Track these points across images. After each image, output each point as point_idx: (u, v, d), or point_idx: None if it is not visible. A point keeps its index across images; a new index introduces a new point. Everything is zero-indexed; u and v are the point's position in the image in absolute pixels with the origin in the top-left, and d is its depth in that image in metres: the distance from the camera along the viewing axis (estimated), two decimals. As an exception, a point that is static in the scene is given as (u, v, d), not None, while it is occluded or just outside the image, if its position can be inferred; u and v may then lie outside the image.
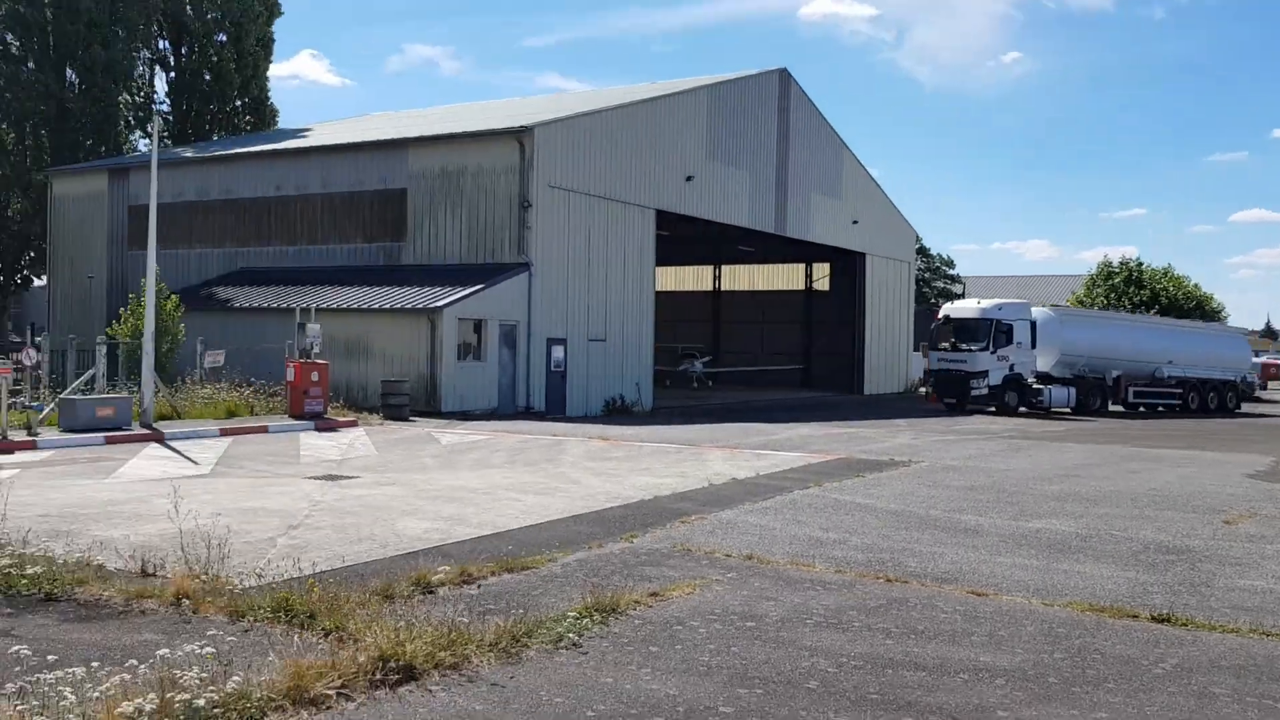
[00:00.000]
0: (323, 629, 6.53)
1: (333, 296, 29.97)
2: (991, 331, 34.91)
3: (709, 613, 7.41)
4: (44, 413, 18.17)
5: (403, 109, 51.63)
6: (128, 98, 50.89)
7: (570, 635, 6.61)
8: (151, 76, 52.23)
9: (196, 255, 37.30)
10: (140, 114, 52.28)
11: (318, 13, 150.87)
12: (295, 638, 6.36)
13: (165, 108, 50.71)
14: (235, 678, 5.02)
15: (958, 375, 35.09)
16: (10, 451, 16.36)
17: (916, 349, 56.35)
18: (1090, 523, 11.89)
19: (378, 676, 5.58)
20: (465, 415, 26.78)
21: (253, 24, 50.99)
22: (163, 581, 7.77)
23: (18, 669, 4.91)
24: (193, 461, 16.15)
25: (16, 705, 4.28)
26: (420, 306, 28.17)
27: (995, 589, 8.47)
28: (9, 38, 46.37)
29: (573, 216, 31.52)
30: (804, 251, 48.27)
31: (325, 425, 22.43)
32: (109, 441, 17.85)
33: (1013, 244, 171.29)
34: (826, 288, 50.67)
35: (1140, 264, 60.54)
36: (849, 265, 47.98)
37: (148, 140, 51.88)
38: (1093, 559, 9.85)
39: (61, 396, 18.82)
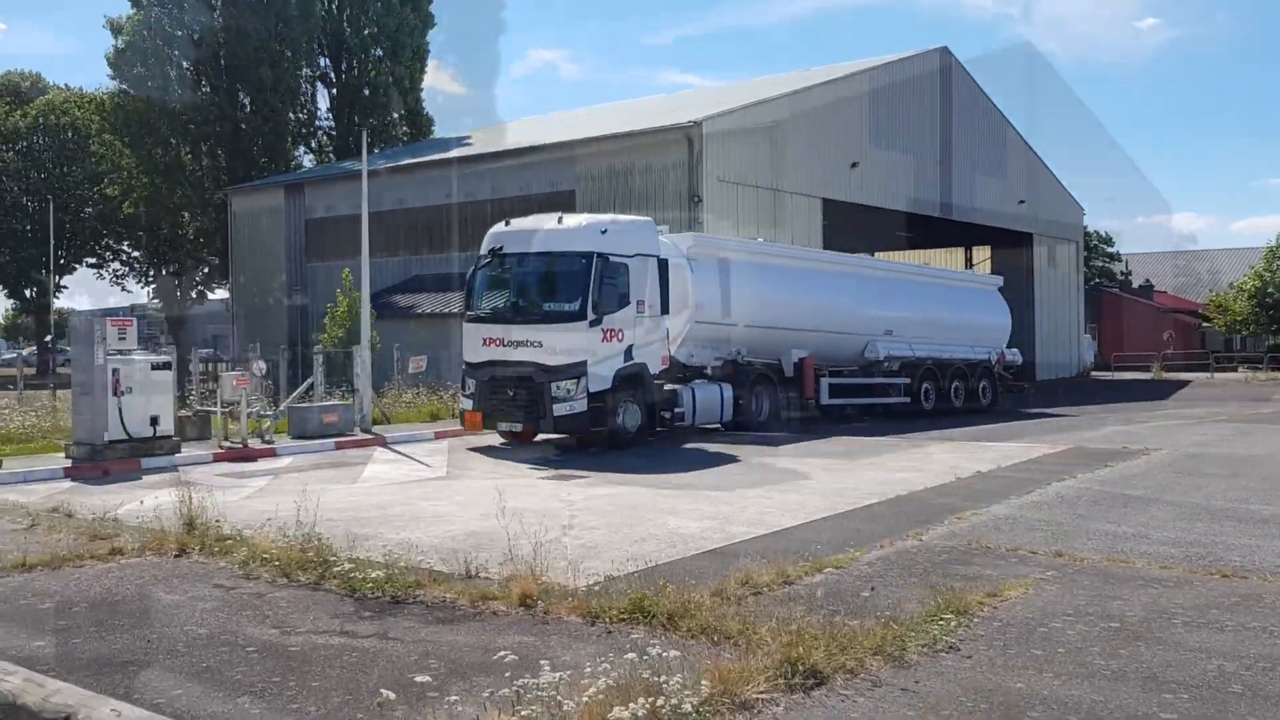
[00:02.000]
0: (688, 630, 6.52)
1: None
2: (592, 279, 17.47)
3: (1062, 613, 7.13)
4: (274, 421, 18.95)
5: (525, 115, 52.29)
6: (293, 116, 53.06)
7: (945, 638, 6.44)
8: (314, 93, 54.39)
9: (373, 265, 38.46)
10: (304, 130, 54.45)
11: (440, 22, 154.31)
12: (666, 640, 6.35)
13: (328, 123, 52.57)
14: (675, 678, 5.02)
15: (523, 376, 17.69)
16: (253, 459, 17.10)
17: (1087, 331, 54.27)
18: (1394, 511, 11.14)
19: (794, 680, 5.52)
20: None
21: (408, 36, 52.46)
22: (485, 582, 7.92)
23: (507, 674, 5.01)
24: (424, 464, 16.57)
25: (517, 709, 4.35)
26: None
27: (1349, 584, 7.95)
28: (185, 64, 48.81)
29: (741, 210, 31.35)
30: (962, 234, 46.97)
31: (524, 426, 22.76)
32: (338, 447, 18.50)
33: (1157, 218, 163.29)
34: (987, 271, 49.23)
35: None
36: (1013, 247, 46.53)
37: (312, 156, 54.00)
38: None
39: (290, 404, 19.62)
